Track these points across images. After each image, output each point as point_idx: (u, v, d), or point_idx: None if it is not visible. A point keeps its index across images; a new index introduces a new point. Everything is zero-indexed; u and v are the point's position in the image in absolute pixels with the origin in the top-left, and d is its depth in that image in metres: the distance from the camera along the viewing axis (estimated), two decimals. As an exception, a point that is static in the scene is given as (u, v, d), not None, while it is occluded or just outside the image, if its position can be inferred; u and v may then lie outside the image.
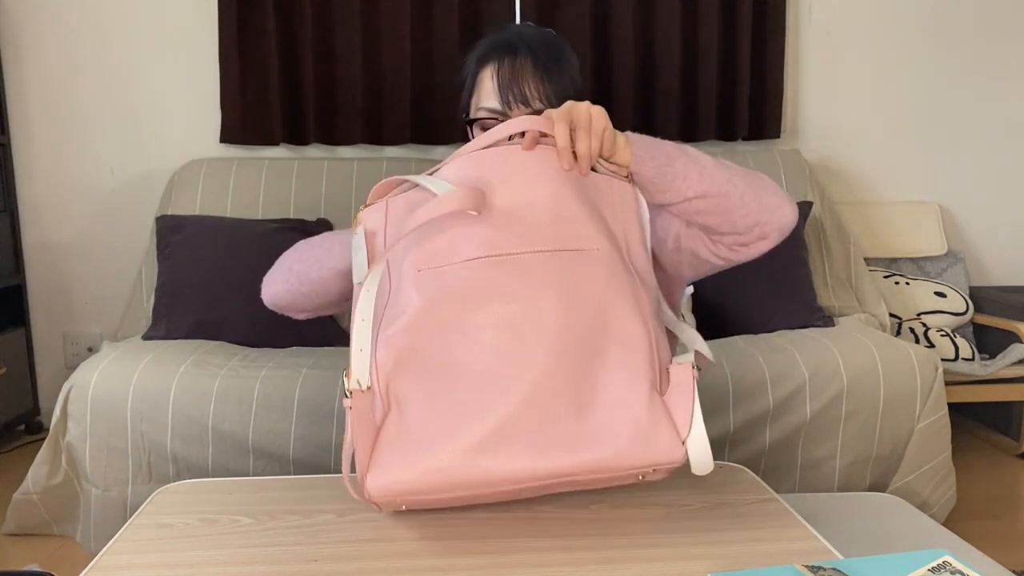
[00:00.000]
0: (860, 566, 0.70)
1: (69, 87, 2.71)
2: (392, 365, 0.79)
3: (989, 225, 2.96)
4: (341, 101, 2.69)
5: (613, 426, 0.76)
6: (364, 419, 0.78)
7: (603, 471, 0.77)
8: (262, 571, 0.74)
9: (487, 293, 0.79)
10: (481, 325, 0.78)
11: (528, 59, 1.06)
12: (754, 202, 0.93)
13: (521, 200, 0.83)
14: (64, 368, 2.81)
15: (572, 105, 0.88)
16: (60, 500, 1.92)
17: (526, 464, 0.75)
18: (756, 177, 0.96)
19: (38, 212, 2.76)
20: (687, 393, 0.80)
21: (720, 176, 0.93)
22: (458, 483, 0.75)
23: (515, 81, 1.05)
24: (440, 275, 0.80)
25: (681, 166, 0.92)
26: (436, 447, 0.75)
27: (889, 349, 1.97)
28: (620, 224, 0.86)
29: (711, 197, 0.92)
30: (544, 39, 1.09)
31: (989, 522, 2.07)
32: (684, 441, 0.78)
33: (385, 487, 0.75)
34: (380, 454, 0.77)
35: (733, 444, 1.90)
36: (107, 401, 1.82)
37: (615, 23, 2.70)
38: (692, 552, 0.77)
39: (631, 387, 0.78)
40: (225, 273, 2.24)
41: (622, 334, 0.79)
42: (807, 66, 2.87)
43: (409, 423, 0.77)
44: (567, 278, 0.79)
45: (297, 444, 1.80)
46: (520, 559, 0.76)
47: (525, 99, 1.05)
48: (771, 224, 0.95)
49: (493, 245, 0.80)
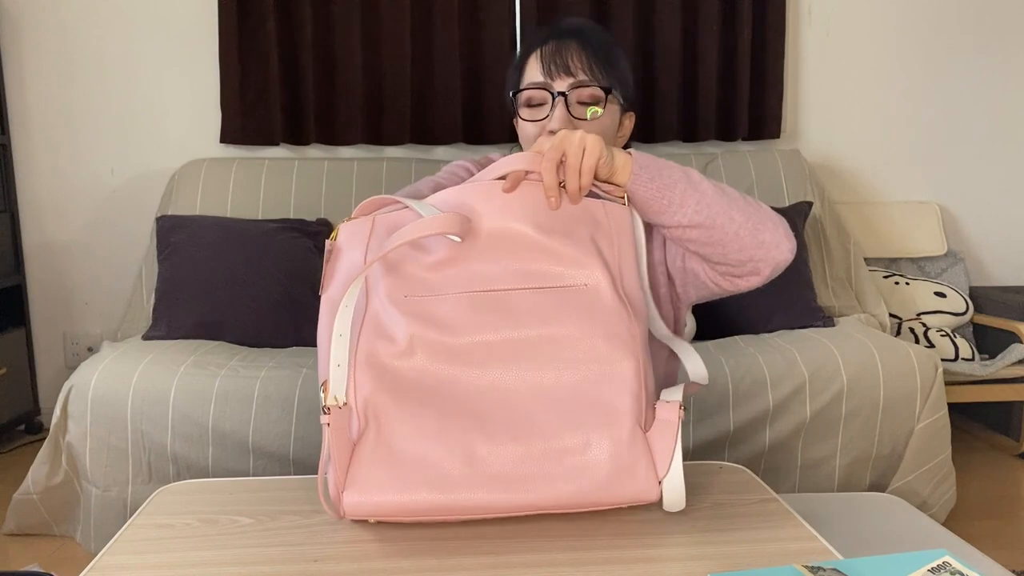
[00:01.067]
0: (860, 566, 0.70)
1: (69, 87, 2.71)
2: (372, 386, 0.79)
3: (989, 225, 2.96)
4: (341, 101, 2.69)
5: (592, 463, 0.78)
6: (341, 435, 0.78)
7: (579, 506, 0.79)
8: (262, 571, 0.74)
9: (471, 328, 0.79)
10: (464, 358, 0.79)
11: (574, 40, 1.07)
12: (749, 238, 0.93)
13: (508, 235, 0.83)
14: (64, 368, 2.81)
15: (565, 136, 0.87)
16: (60, 500, 1.92)
17: (503, 496, 0.77)
18: (757, 211, 0.95)
19: (38, 212, 2.76)
20: (670, 434, 0.80)
21: (718, 208, 0.92)
22: (433, 510, 0.77)
23: (558, 54, 1.06)
24: (426, 304, 0.81)
25: (680, 192, 0.92)
26: (413, 474, 0.76)
27: (889, 349, 1.97)
28: (615, 252, 0.85)
29: (704, 228, 0.92)
30: (594, 28, 1.10)
31: (989, 522, 2.07)
32: (661, 481, 0.79)
33: (360, 506, 0.77)
34: (356, 473, 0.77)
35: (733, 444, 1.90)
36: (107, 401, 1.82)
37: (615, 23, 2.70)
38: (692, 552, 0.77)
39: (614, 424, 0.78)
40: (225, 273, 2.24)
41: (608, 371, 0.80)
42: (807, 66, 2.87)
43: (386, 443, 0.78)
44: (552, 315, 0.80)
45: (297, 444, 1.80)
46: (520, 559, 0.76)
47: (568, 68, 1.05)
48: (764, 261, 0.95)
49: (479, 280, 0.81)
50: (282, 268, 2.28)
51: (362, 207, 0.90)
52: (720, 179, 2.63)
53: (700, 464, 1.01)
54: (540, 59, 1.07)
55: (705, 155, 2.71)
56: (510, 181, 0.85)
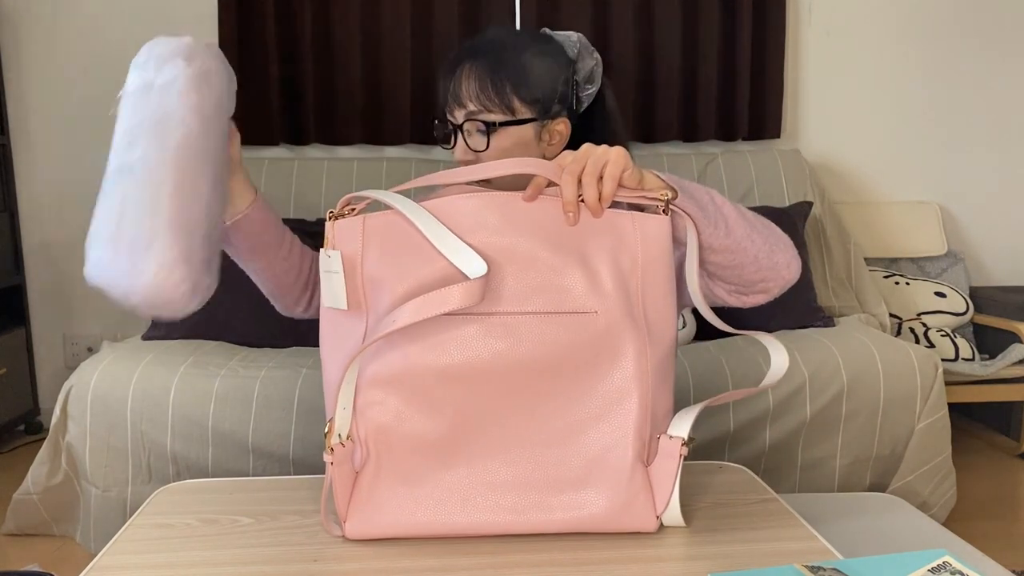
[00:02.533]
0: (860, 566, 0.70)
1: (69, 87, 2.71)
2: (373, 412, 0.78)
3: (989, 225, 2.96)
4: (341, 101, 2.69)
5: (592, 493, 0.78)
6: (344, 468, 0.79)
7: (575, 530, 0.80)
8: (262, 571, 0.74)
9: (474, 351, 0.76)
10: (466, 382, 0.77)
11: (470, 62, 1.04)
12: (766, 259, 0.91)
13: (517, 256, 0.77)
14: (64, 368, 2.81)
15: (588, 149, 0.81)
16: (60, 500, 1.92)
17: (503, 521, 0.79)
18: (772, 232, 0.93)
19: (38, 212, 2.76)
20: (671, 469, 0.80)
21: (742, 231, 0.89)
22: (434, 534, 0.80)
23: (455, 83, 1.04)
24: (428, 324, 0.76)
25: (712, 214, 0.87)
26: (415, 499, 0.78)
27: (889, 349, 1.97)
28: (639, 270, 0.79)
29: (729, 252, 0.88)
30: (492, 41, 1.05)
31: (989, 522, 2.07)
32: (659, 515, 0.80)
33: (364, 533, 0.80)
34: (359, 501, 0.79)
35: (733, 444, 1.90)
36: (107, 401, 1.82)
37: (615, 23, 2.70)
38: (692, 552, 0.77)
39: (615, 456, 0.78)
40: (225, 273, 2.23)
41: (614, 402, 0.78)
42: (807, 66, 2.86)
43: (389, 471, 0.79)
44: (557, 343, 0.77)
45: (297, 444, 1.80)
46: (520, 559, 0.76)
47: (459, 100, 1.04)
48: (775, 281, 0.93)
49: (486, 303, 0.76)
50: (282, 268, 2.28)
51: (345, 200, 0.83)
52: (720, 179, 2.64)
53: (700, 464, 1.01)
54: (444, 87, 1.07)
55: (705, 155, 2.71)
56: (532, 189, 0.79)
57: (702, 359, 1.97)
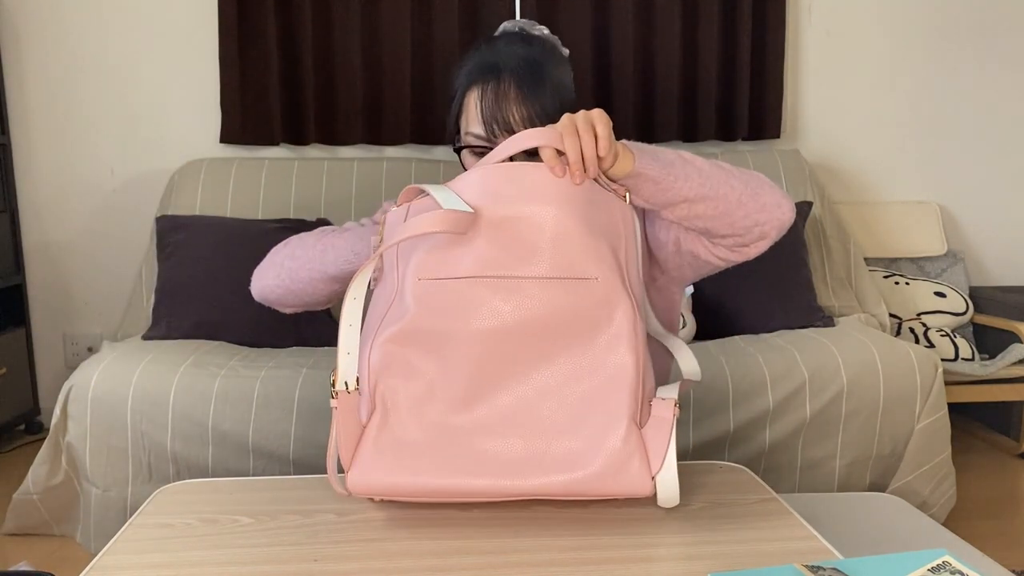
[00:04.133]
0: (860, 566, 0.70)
1: (69, 87, 2.71)
2: (383, 368, 0.81)
3: (989, 225, 2.96)
4: (341, 101, 2.69)
5: (589, 454, 0.80)
6: (350, 418, 0.81)
7: (573, 494, 0.81)
8: (262, 571, 0.74)
9: (481, 313, 0.80)
10: (472, 343, 0.80)
11: (511, 82, 1.04)
12: (752, 202, 0.94)
13: (524, 222, 0.82)
14: (64, 368, 2.81)
15: (570, 116, 0.87)
16: (60, 500, 1.92)
17: (500, 482, 0.80)
18: (752, 176, 0.96)
19: (38, 212, 2.76)
20: (665, 430, 0.81)
21: (718, 178, 0.94)
22: (433, 492, 0.81)
23: (498, 108, 1.04)
24: (438, 287, 0.81)
25: (680, 168, 0.93)
26: (417, 457, 0.80)
27: (889, 349, 1.97)
28: (623, 250, 0.86)
29: (710, 199, 0.93)
30: (527, 58, 1.07)
31: (989, 522, 2.07)
32: (655, 476, 0.81)
33: (366, 485, 0.81)
34: (363, 453, 0.81)
35: (733, 444, 1.90)
36: (107, 401, 1.82)
37: (615, 23, 2.70)
38: (692, 552, 0.77)
39: (611, 418, 0.80)
40: (225, 273, 2.24)
41: (610, 365, 0.81)
42: (807, 66, 2.87)
43: (393, 426, 0.81)
44: (560, 307, 0.81)
45: (297, 444, 1.80)
46: (520, 559, 0.76)
47: (509, 126, 1.04)
48: (770, 223, 0.96)
49: (492, 265, 0.81)
50: (282, 268, 2.28)
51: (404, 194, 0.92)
52: (720, 179, 2.63)
53: (700, 464, 1.01)
54: (480, 110, 1.05)
55: (705, 155, 2.71)
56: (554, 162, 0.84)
57: (702, 359, 1.98)
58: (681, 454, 1.88)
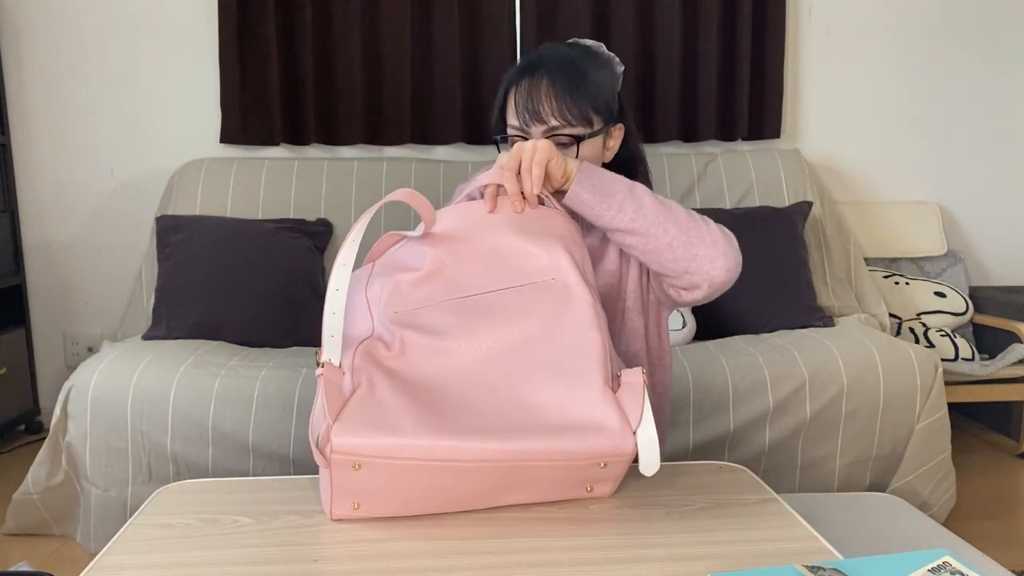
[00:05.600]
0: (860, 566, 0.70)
1: (69, 87, 2.71)
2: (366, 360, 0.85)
3: (989, 225, 2.96)
4: (341, 101, 2.69)
5: (568, 416, 0.83)
6: (334, 389, 0.82)
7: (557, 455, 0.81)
8: (262, 571, 0.74)
9: (459, 329, 0.88)
10: (453, 353, 0.87)
11: (544, 78, 1.12)
12: (682, 250, 1.02)
13: (483, 247, 0.94)
14: (64, 368, 2.81)
15: (518, 148, 0.99)
16: (60, 500, 1.92)
17: (484, 445, 0.79)
18: (696, 227, 1.03)
19: (38, 212, 2.76)
20: (637, 392, 0.85)
21: (654, 219, 1.02)
22: (419, 453, 0.78)
23: (530, 100, 1.12)
24: (414, 316, 0.89)
25: (619, 200, 1.03)
26: (400, 420, 0.80)
27: (889, 349, 1.97)
28: (578, 253, 0.96)
29: (639, 235, 1.03)
30: (563, 57, 1.15)
31: (989, 522, 2.07)
32: (635, 432, 0.82)
33: (347, 447, 0.78)
34: (347, 415, 0.80)
35: (733, 444, 1.90)
36: (107, 401, 1.82)
37: (615, 24, 2.70)
38: (692, 552, 0.77)
39: (585, 384, 0.85)
40: (225, 273, 2.24)
41: (578, 342, 0.88)
42: (807, 66, 2.87)
43: (378, 399, 0.82)
44: (523, 306, 0.90)
45: (297, 444, 1.80)
46: (520, 559, 0.76)
47: (539, 116, 1.12)
48: (699, 275, 1.03)
49: (463, 287, 0.91)
50: (282, 268, 2.28)
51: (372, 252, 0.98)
52: (720, 179, 2.64)
53: (700, 464, 1.01)
54: (515, 103, 1.14)
55: (705, 155, 2.72)
56: (488, 200, 0.97)
57: (702, 358, 1.98)
58: (681, 454, 1.88)
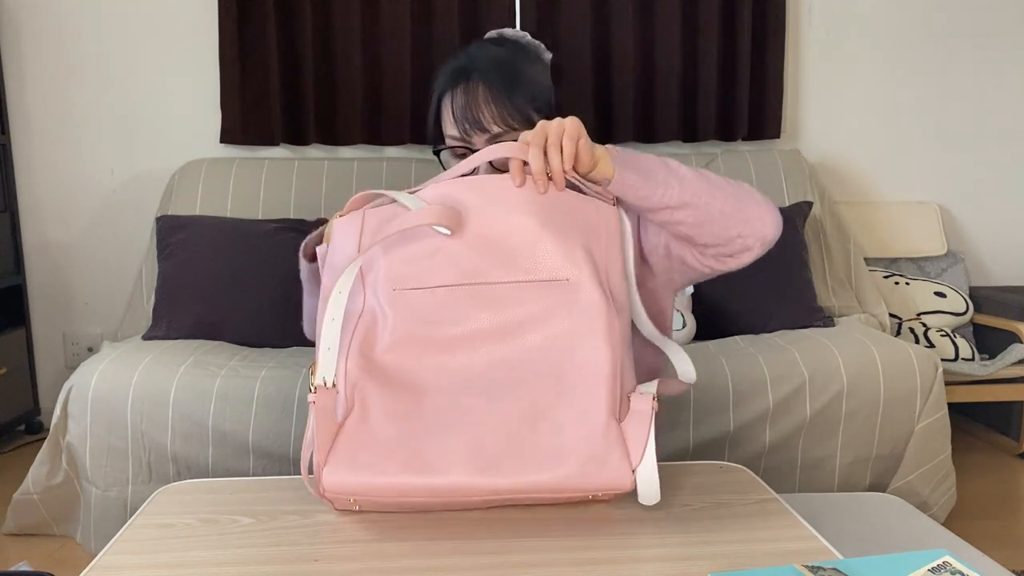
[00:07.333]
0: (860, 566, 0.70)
1: (69, 87, 2.71)
2: (360, 373, 0.81)
3: (989, 225, 2.96)
4: (341, 101, 2.69)
5: (566, 450, 0.79)
6: (326, 415, 0.80)
7: (553, 491, 0.79)
8: (262, 571, 0.74)
9: (457, 320, 0.82)
10: (449, 349, 0.82)
11: (479, 83, 1.06)
12: (735, 214, 0.95)
13: (495, 229, 0.84)
14: (64, 368, 2.81)
15: (544, 124, 0.89)
16: (60, 500, 1.92)
17: (478, 481, 0.78)
18: (738, 187, 0.97)
19: (38, 212, 2.76)
20: (644, 423, 0.81)
21: (700, 187, 0.94)
22: (410, 492, 0.78)
23: (468, 109, 1.06)
24: (414, 296, 0.83)
25: (663, 176, 0.93)
26: (393, 456, 0.78)
27: (889, 349, 1.97)
28: (602, 251, 0.87)
29: (691, 207, 0.93)
30: (496, 59, 1.09)
31: (989, 522, 2.07)
32: (635, 470, 0.80)
33: (340, 484, 0.78)
34: (338, 451, 0.79)
35: (733, 444, 1.90)
36: (107, 401, 1.82)
37: (615, 23, 2.70)
38: (692, 552, 0.77)
39: (589, 413, 0.80)
40: (225, 273, 2.24)
41: (585, 361, 0.81)
42: (807, 66, 2.86)
43: (370, 426, 0.79)
44: (535, 308, 0.82)
45: (297, 444, 1.80)
46: (520, 559, 0.76)
47: (481, 125, 1.06)
48: (752, 236, 0.96)
49: (466, 272, 0.83)
50: (282, 268, 2.28)
51: (352, 202, 0.92)
52: (720, 179, 2.63)
53: (700, 464, 1.01)
54: (452, 113, 1.08)
55: (705, 155, 2.71)
56: (516, 173, 0.86)
57: (702, 358, 1.97)
58: (681, 454, 1.88)
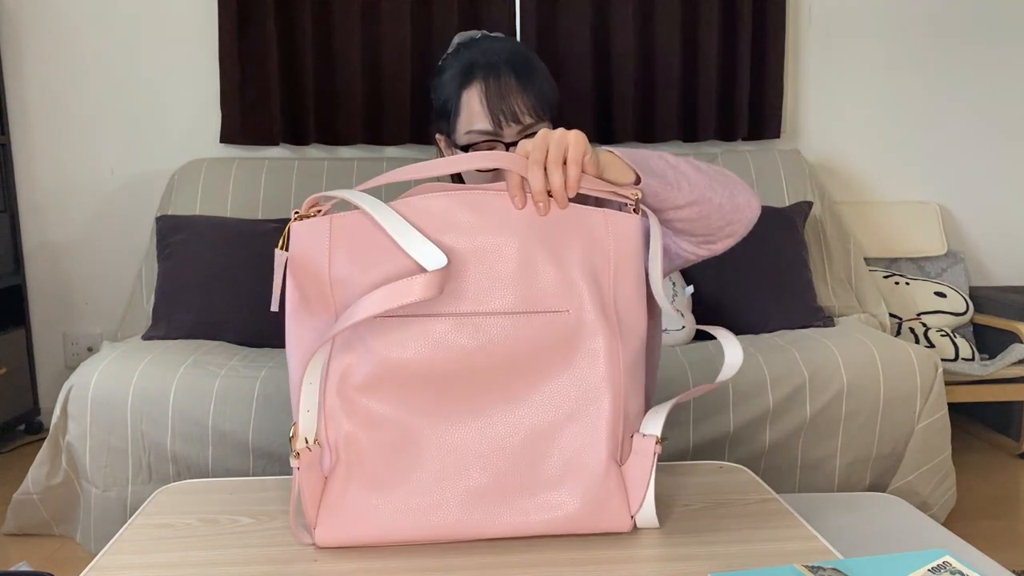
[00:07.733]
0: (860, 566, 0.70)
1: (69, 87, 2.71)
2: (343, 416, 0.77)
3: (989, 225, 2.96)
4: (341, 101, 2.69)
5: (566, 494, 0.77)
6: (312, 474, 0.77)
7: (550, 533, 0.78)
8: (262, 571, 0.74)
9: (444, 351, 0.75)
10: (436, 384, 0.76)
11: (511, 76, 1.07)
12: (728, 203, 0.94)
13: (488, 253, 0.76)
14: (64, 368, 2.80)
15: (545, 137, 0.79)
16: (60, 500, 1.92)
17: (477, 524, 0.77)
18: (727, 178, 0.96)
19: (38, 212, 2.76)
20: (645, 467, 0.79)
21: (703, 185, 0.91)
22: (407, 539, 0.78)
23: (503, 100, 1.06)
24: (399, 326, 0.75)
25: (672, 176, 0.89)
26: (386, 504, 0.77)
27: (889, 349, 1.97)
28: (611, 268, 0.79)
29: (696, 205, 0.90)
30: (518, 52, 1.11)
31: (989, 522, 2.07)
32: (634, 515, 0.79)
33: (335, 540, 0.78)
34: (329, 507, 0.77)
35: (733, 444, 1.90)
36: (107, 401, 1.82)
37: (615, 23, 2.70)
38: (692, 552, 0.77)
39: (590, 457, 0.77)
40: (225, 273, 2.24)
41: (586, 401, 0.77)
42: (807, 66, 2.86)
43: (357, 476, 0.77)
44: (529, 342, 0.76)
45: (297, 444, 1.80)
46: (520, 559, 0.76)
47: (515, 116, 1.06)
48: (741, 222, 0.96)
49: (455, 300, 0.76)
50: (282, 268, 2.28)
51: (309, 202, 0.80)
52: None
53: (700, 464, 1.01)
54: (484, 103, 1.06)
55: (705, 155, 2.71)
56: (515, 191, 0.77)
57: (702, 358, 1.97)
58: (681, 454, 1.88)
